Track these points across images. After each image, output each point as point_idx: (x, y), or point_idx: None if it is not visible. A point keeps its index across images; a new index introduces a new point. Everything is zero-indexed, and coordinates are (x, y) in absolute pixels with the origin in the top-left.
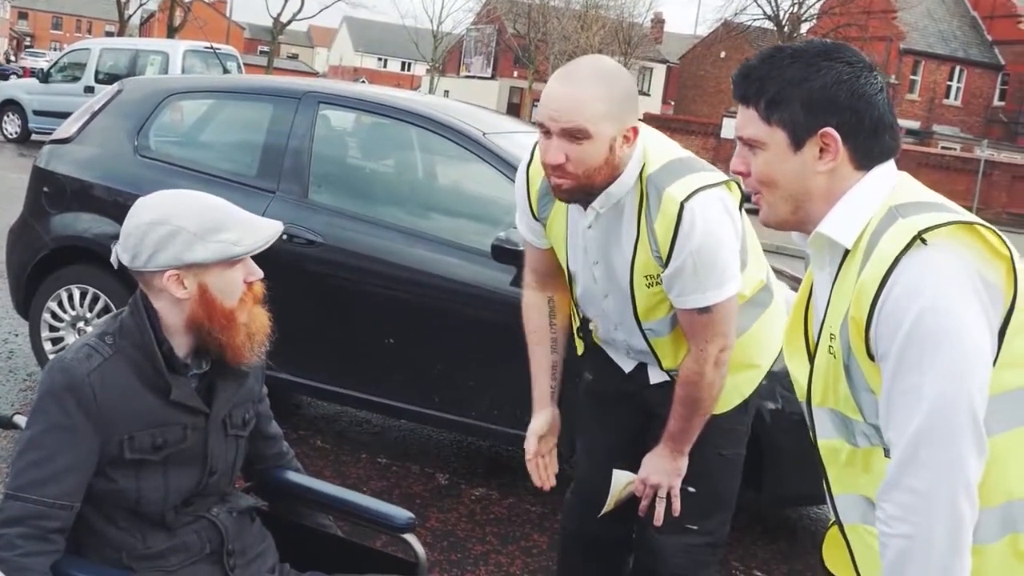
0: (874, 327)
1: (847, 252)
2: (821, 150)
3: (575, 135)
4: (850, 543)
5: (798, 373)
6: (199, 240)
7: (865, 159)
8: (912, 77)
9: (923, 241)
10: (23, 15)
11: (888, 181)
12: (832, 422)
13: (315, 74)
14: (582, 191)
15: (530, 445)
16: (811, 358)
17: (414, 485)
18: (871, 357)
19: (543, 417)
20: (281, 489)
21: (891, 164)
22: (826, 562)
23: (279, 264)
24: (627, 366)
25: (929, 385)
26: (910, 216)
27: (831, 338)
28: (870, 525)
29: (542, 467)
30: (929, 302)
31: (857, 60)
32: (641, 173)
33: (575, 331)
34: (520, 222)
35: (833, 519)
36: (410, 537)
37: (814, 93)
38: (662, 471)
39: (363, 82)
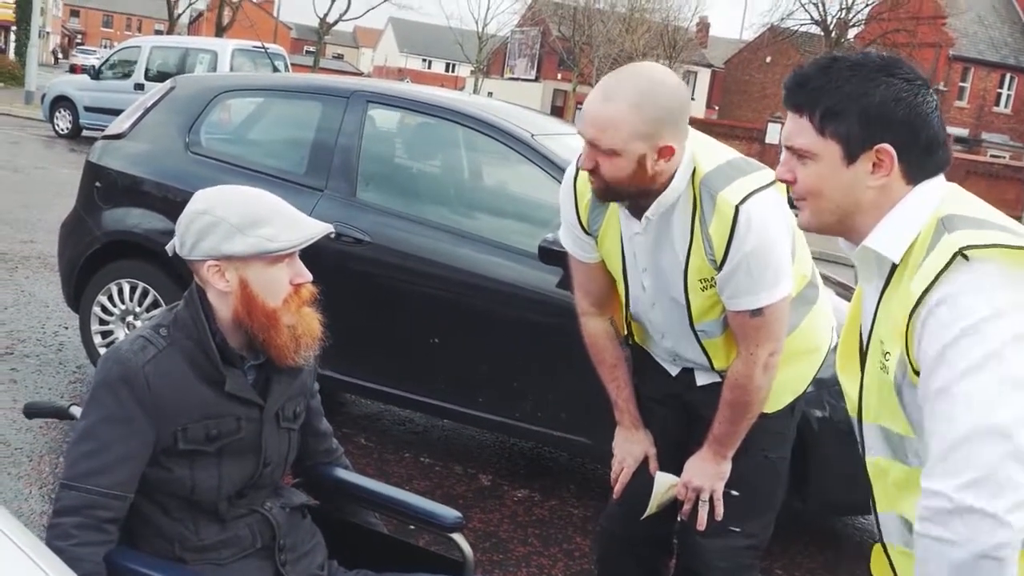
0: (916, 343)
1: (894, 266)
2: (874, 165)
3: (603, 152)
4: (892, 563)
5: (850, 388)
6: (238, 232)
7: (917, 174)
8: (961, 84)
9: (965, 257)
10: (75, 13)
11: (937, 194)
12: (883, 439)
13: (360, 74)
14: (612, 193)
15: (627, 467)
16: (861, 371)
17: (457, 485)
18: (916, 373)
19: (644, 442)
20: (330, 485)
21: (940, 177)
22: (874, 572)
23: (326, 262)
24: (672, 371)
25: (962, 411)
26: (956, 231)
27: (884, 355)
28: (911, 549)
29: (623, 479)
30: (970, 323)
31: (915, 77)
32: (693, 178)
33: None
34: (566, 237)
35: (878, 537)
36: (458, 536)
37: (872, 108)
38: (705, 475)
39: (408, 82)
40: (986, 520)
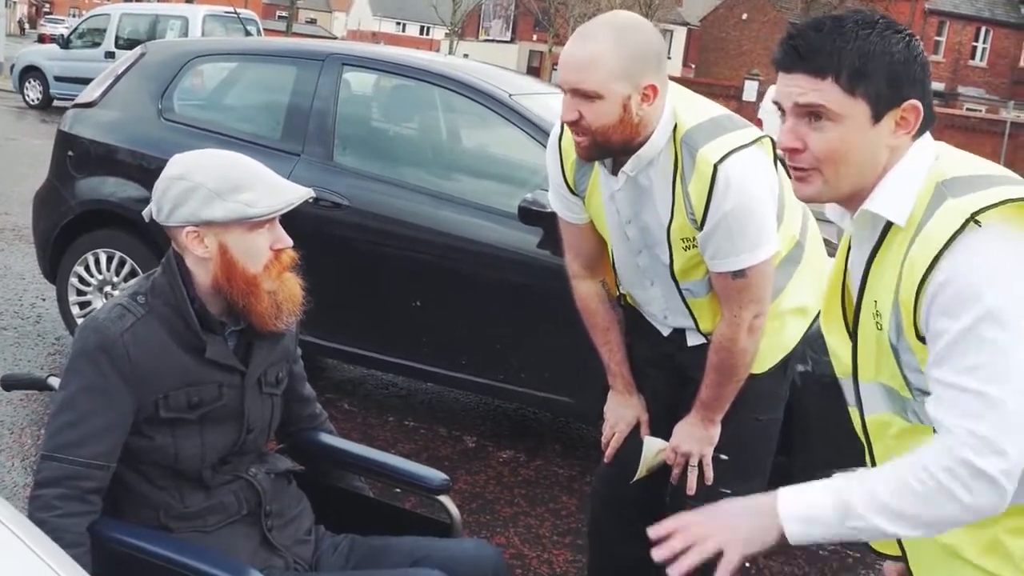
0: (924, 310)
1: (887, 225)
2: (896, 124)
3: (585, 95)
4: None
5: (838, 348)
6: (217, 198)
7: (922, 131)
8: (937, 38)
9: (977, 223)
10: None
11: (929, 151)
12: (884, 396)
13: (333, 39)
14: (599, 148)
15: (619, 431)
16: (851, 333)
17: (442, 448)
18: (920, 339)
19: (636, 407)
20: (315, 451)
21: (928, 134)
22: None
23: (304, 227)
24: (664, 331)
25: (999, 390)
26: (961, 195)
27: (877, 315)
28: None
29: (615, 443)
30: (988, 305)
31: (907, 32)
32: (674, 134)
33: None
34: (554, 199)
35: None
36: (445, 499)
37: (896, 65)
38: (693, 439)
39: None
40: (994, 488)
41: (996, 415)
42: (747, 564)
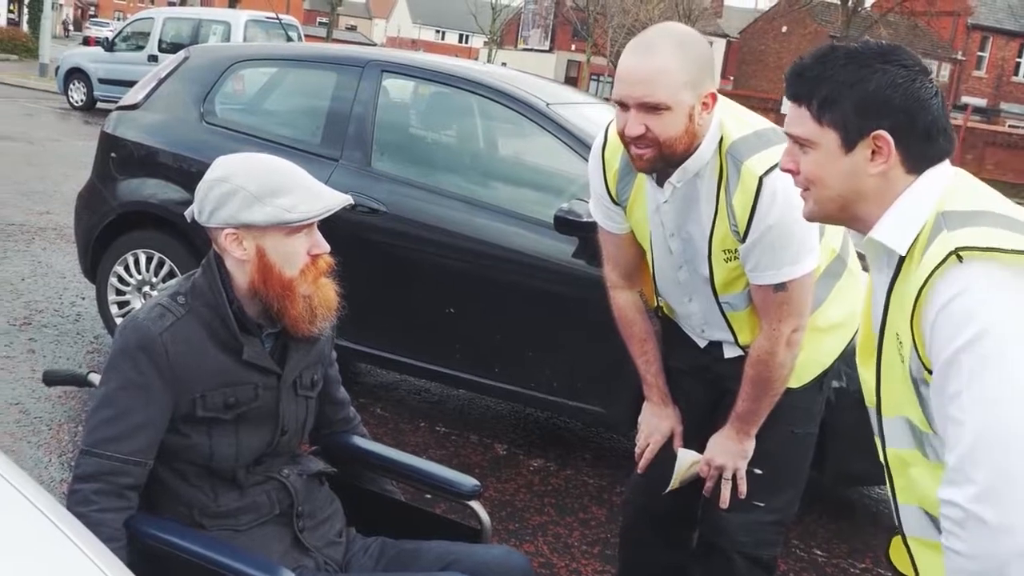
0: (926, 344)
1: (902, 258)
2: (873, 152)
3: (654, 108)
4: (912, 553)
5: (868, 377)
6: (256, 201)
7: (918, 162)
8: (980, 53)
9: (959, 258)
10: None
11: (941, 183)
12: (906, 431)
13: (373, 45)
14: (663, 160)
15: (654, 442)
16: (878, 363)
17: (472, 455)
18: (929, 371)
19: (671, 418)
20: (347, 454)
21: (945, 165)
22: (893, 561)
23: (342, 232)
24: (701, 343)
25: (971, 418)
26: (956, 229)
27: (900, 345)
28: (933, 539)
29: (649, 454)
30: (974, 332)
31: (913, 64)
32: (720, 146)
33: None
34: (596, 209)
35: (898, 528)
36: (475, 504)
37: (868, 95)
38: (727, 453)
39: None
40: (997, 532)
41: (964, 443)
42: None
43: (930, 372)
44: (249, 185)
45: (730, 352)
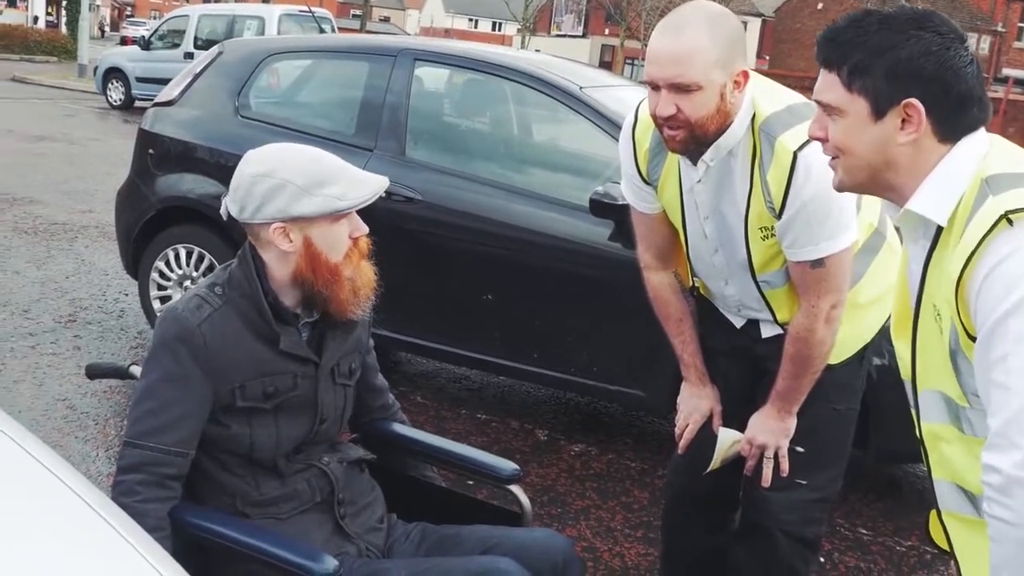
0: (972, 312)
1: (939, 228)
2: (903, 121)
3: (685, 88)
4: (946, 528)
5: (903, 351)
6: (305, 194)
7: (950, 132)
8: (1020, 24)
9: (1010, 222)
10: None
11: (979, 151)
12: (941, 404)
13: (407, 36)
14: (695, 140)
15: (693, 422)
16: (912, 337)
17: (513, 440)
18: (972, 339)
19: (710, 398)
20: (387, 441)
21: (981, 133)
22: (932, 536)
23: (378, 221)
24: (738, 322)
25: (1018, 382)
26: (1001, 192)
27: (938, 317)
28: (967, 514)
29: (688, 434)
30: (1015, 299)
31: (948, 31)
32: (752, 123)
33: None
34: (627, 189)
35: (934, 503)
36: (515, 488)
37: (900, 63)
38: (769, 431)
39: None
40: None
41: (1011, 408)
42: (821, 559)
43: (973, 339)
44: (296, 178)
45: (768, 331)
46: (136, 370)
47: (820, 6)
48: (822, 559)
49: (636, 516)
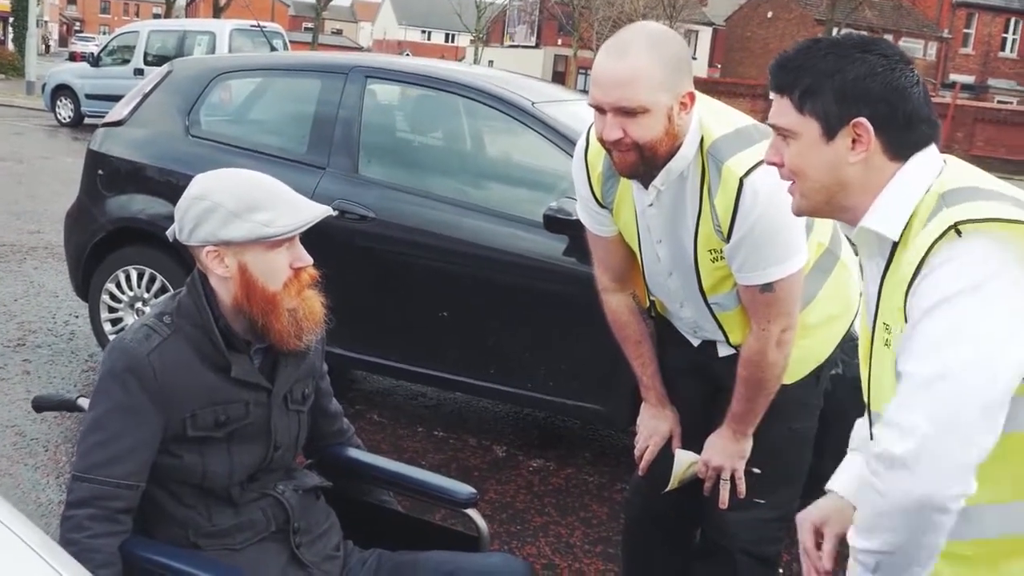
0: (910, 315)
1: (895, 245)
2: (853, 141)
3: (631, 112)
4: None
5: (863, 372)
6: (236, 218)
7: (900, 149)
8: (966, 31)
9: (958, 233)
10: (72, 0)
11: (931, 167)
12: None
13: (360, 49)
14: (646, 164)
15: (653, 444)
16: (868, 358)
17: (471, 458)
18: None
19: (670, 419)
20: (342, 466)
21: (932, 150)
22: None
23: (332, 240)
24: (695, 341)
25: (939, 376)
26: (955, 205)
27: (887, 332)
28: None
29: (648, 456)
30: (944, 296)
31: (893, 53)
32: (701, 145)
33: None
34: (583, 212)
35: None
36: (472, 512)
37: (847, 84)
38: (725, 453)
39: (407, 55)
40: (913, 473)
41: (904, 389)
42: (780, 571)
43: None
44: (227, 202)
45: (724, 351)
46: (84, 402)
47: (770, 15)
48: (780, 571)
49: (595, 531)
